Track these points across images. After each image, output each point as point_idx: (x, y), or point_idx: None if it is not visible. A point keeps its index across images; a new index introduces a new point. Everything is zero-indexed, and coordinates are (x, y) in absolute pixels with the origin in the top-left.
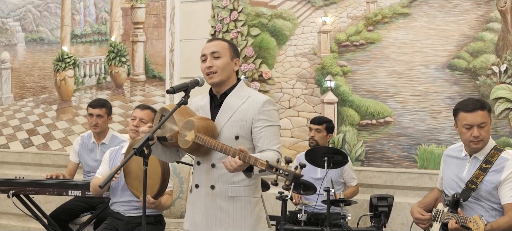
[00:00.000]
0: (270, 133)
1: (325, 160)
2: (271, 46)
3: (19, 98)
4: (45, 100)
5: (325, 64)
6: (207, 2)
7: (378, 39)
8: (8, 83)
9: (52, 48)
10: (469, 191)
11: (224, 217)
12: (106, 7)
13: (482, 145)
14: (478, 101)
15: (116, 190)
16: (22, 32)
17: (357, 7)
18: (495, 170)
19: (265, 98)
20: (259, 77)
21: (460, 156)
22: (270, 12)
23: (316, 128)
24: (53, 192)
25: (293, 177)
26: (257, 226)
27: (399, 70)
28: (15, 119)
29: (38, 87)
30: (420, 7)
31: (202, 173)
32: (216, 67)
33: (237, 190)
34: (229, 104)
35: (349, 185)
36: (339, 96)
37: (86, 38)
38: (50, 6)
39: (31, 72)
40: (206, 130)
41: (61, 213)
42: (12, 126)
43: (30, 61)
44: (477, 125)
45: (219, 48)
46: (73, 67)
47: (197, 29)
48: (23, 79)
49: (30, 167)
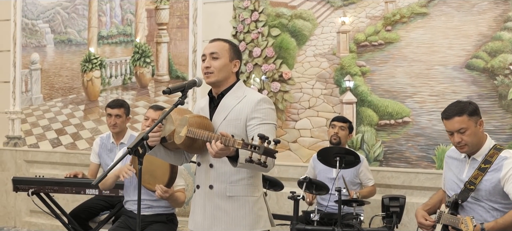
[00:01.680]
0: (263, 130)
1: (337, 160)
2: (291, 47)
3: (48, 99)
4: (73, 101)
5: (344, 65)
6: (229, 3)
7: (396, 39)
8: (38, 84)
9: (80, 49)
10: (467, 191)
11: (223, 216)
12: (131, 9)
13: (468, 150)
14: (457, 106)
15: (129, 189)
16: (51, 34)
17: (375, 7)
18: (494, 168)
19: (260, 97)
20: (279, 78)
21: (460, 157)
22: (290, 12)
23: (340, 125)
24: (71, 190)
25: (264, 150)
26: (256, 226)
27: (417, 70)
28: (44, 118)
29: (66, 88)
30: (438, 6)
31: (201, 174)
32: (213, 68)
33: (235, 189)
34: (225, 105)
35: (365, 185)
36: (358, 96)
37: (112, 39)
38: (77, 8)
39: (59, 73)
40: (200, 125)
41: (80, 212)
42: (41, 126)
43: (58, 62)
44: (456, 131)
45: (218, 49)
46: (100, 68)
47: (218, 30)
48: (52, 80)
49: (58, 166)
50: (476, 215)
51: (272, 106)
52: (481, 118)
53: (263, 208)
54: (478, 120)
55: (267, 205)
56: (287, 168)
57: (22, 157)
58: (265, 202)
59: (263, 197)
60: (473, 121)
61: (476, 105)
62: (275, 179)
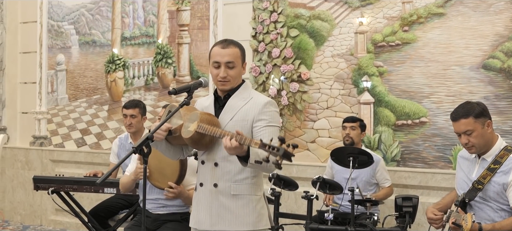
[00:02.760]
0: (269, 132)
1: (350, 160)
2: (310, 47)
3: (73, 99)
4: (97, 101)
5: (361, 65)
6: (248, 4)
7: (413, 39)
8: (63, 85)
9: (104, 50)
10: (475, 191)
11: (227, 214)
12: (154, 10)
13: (475, 151)
14: (463, 108)
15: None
16: (76, 35)
17: (393, 8)
18: (503, 170)
19: (266, 100)
20: (298, 78)
21: (470, 158)
22: (308, 13)
23: (350, 125)
24: (90, 189)
25: (283, 153)
26: (259, 224)
27: (434, 70)
28: (69, 118)
29: (90, 88)
30: (454, 7)
31: (206, 172)
32: (230, 77)
33: (239, 188)
34: (232, 105)
35: (382, 186)
36: (375, 96)
37: (135, 40)
38: (101, 10)
39: (84, 73)
40: (210, 123)
41: (100, 210)
42: (66, 126)
43: (83, 63)
44: (463, 133)
45: (234, 58)
46: (123, 68)
47: (238, 31)
48: (77, 81)
49: (83, 165)
50: (484, 215)
51: (277, 110)
52: (489, 119)
53: (264, 207)
54: (485, 121)
55: (267, 205)
56: (305, 168)
57: (48, 157)
58: (266, 201)
59: (264, 197)
60: (480, 122)
61: (484, 107)
62: (290, 178)
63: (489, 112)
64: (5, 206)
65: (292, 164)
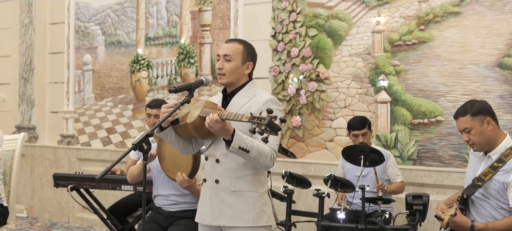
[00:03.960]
0: None
1: (361, 158)
2: (328, 47)
3: (99, 99)
4: (122, 100)
5: (378, 64)
6: (268, 4)
7: (429, 38)
8: (90, 84)
9: (128, 50)
10: (474, 187)
11: (227, 210)
12: (176, 11)
13: (477, 148)
14: (462, 107)
15: (156, 183)
16: (102, 36)
17: (409, 7)
18: (505, 169)
19: (268, 97)
20: (316, 77)
21: (479, 155)
22: (326, 13)
23: (362, 132)
24: (108, 186)
25: (269, 121)
26: (259, 220)
27: (450, 69)
28: (95, 118)
29: (116, 88)
30: (470, 5)
31: (208, 168)
32: (225, 69)
33: (239, 184)
34: (235, 103)
35: (393, 181)
36: (392, 95)
37: (158, 40)
38: (126, 10)
39: (110, 73)
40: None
41: (119, 207)
42: (93, 125)
43: (109, 63)
44: (462, 130)
45: (232, 52)
46: (147, 68)
47: (258, 30)
48: (103, 80)
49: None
50: (485, 212)
51: (280, 108)
52: (489, 116)
53: (267, 204)
54: (484, 119)
55: (271, 202)
56: (323, 166)
57: (75, 155)
58: (270, 198)
59: (268, 193)
60: (478, 120)
61: (483, 105)
62: (303, 176)
63: (490, 110)
64: (34, 204)
65: (310, 162)
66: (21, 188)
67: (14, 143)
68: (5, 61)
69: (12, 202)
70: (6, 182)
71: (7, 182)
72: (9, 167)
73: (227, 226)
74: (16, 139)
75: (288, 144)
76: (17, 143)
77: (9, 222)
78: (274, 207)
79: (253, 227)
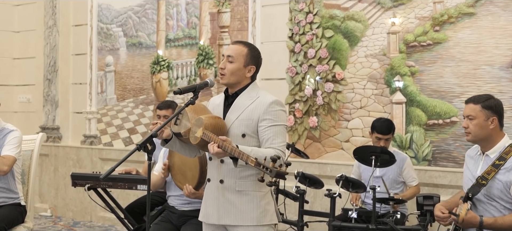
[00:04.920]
0: (273, 131)
1: (372, 159)
2: (344, 48)
3: (121, 99)
4: (144, 101)
5: (394, 65)
6: (285, 5)
7: (444, 39)
8: (112, 85)
9: (149, 52)
10: (479, 186)
11: (232, 209)
12: (196, 12)
13: (470, 138)
14: (479, 95)
15: (170, 185)
16: (123, 37)
17: (424, 8)
18: (507, 168)
19: (272, 99)
20: (333, 78)
21: (475, 155)
22: (342, 14)
23: (386, 137)
24: (124, 186)
25: (276, 173)
26: (263, 219)
27: (464, 70)
28: (117, 118)
29: (137, 89)
30: (485, 6)
31: (213, 168)
32: (227, 70)
33: (244, 184)
34: (239, 104)
35: (409, 184)
36: (407, 96)
37: (178, 42)
38: (147, 12)
39: (131, 74)
40: (214, 127)
41: (135, 207)
42: (115, 125)
43: (130, 64)
44: (466, 116)
45: (235, 54)
46: (167, 69)
47: (276, 32)
48: (125, 81)
49: (130, 164)
50: (488, 215)
51: (284, 109)
52: (497, 116)
53: (270, 203)
54: (491, 116)
55: (274, 200)
56: (339, 166)
57: (97, 155)
58: (273, 197)
59: (271, 192)
60: (485, 113)
61: (497, 103)
62: (315, 177)
63: (501, 111)
64: (58, 203)
65: (326, 163)
66: (45, 187)
67: (32, 143)
68: (30, 63)
69: (30, 201)
70: (24, 182)
71: (25, 181)
72: (27, 166)
73: (232, 225)
74: (35, 139)
75: (305, 144)
76: (35, 143)
77: (27, 220)
78: (276, 205)
79: (257, 225)
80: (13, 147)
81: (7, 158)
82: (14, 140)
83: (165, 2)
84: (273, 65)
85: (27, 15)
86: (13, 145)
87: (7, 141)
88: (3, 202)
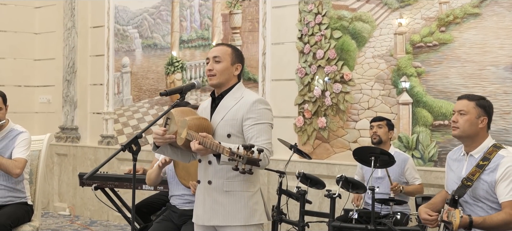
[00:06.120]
0: (257, 129)
1: (372, 160)
2: (352, 48)
3: (137, 100)
4: (158, 102)
5: (400, 66)
6: (295, 6)
7: (450, 40)
8: (128, 86)
9: (164, 53)
10: (464, 188)
11: (220, 209)
12: (209, 14)
13: (458, 133)
14: (471, 94)
15: (171, 184)
16: (139, 39)
17: (430, 8)
18: (491, 168)
19: (255, 98)
20: (341, 79)
21: (459, 157)
22: (350, 15)
23: (377, 124)
24: (130, 186)
25: (247, 160)
26: (251, 219)
27: (470, 70)
28: (133, 119)
29: (152, 89)
30: (490, 6)
31: (202, 170)
32: (215, 70)
33: (231, 184)
34: (224, 105)
35: (412, 184)
36: (414, 97)
37: (191, 43)
38: (162, 14)
39: (146, 75)
40: (198, 127)
41: (142, 206)
42: (131, 126)
43: (145, 65)
44: (458, 111)
45: (221, 54)
46: (181, 70)
47: (286, 33)
48: (140, 82)
49: (145, 163)
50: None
51: (268, 107)
52: (487, 117)
53: (258, 202)
54: (482, 115)
55: (263, 200)
56: (347, 167)
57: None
58: (262, 196)
59: (260, 192)
60: (477, 111)
61: (489, 105)
62: (317, 177)
63: (491, 113)
64: (76, 202)
65: (334, 163)
66: (64, 186)
67: (40, 143)
68: (50, 64)
69: (38, 200)
70: (32, 181)
71: (33, 181)
72: (35, 166)
73: (220, 226)
74: (43, 139)
75: (313, 145)
76: (43, 143)
77: (34, 219)
78: (266, 205)
79: (245, 225)
80: (24, 149)
81: (19, 161)
82: (24, 142)
83: (179, 3)
84: (283, 66)
85: (47, 17)
86: (23, 147)
87: (17, 143)
88: (10, 201)
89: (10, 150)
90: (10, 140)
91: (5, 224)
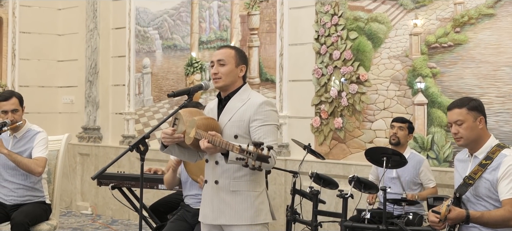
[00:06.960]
0: (264, 130)
1: (383, 160)
2: (368, 49)
3: (157, 101)
4: (178, 102)
5: (416, 66)
6: (311, 8)
7: (465, 40)
8: (149, 87)
9: (183, 54)
10: (466, 186)
11: (227, 209)
12: (227, 15)
13: (463, 142)
14: (460, 99)
15: (185, 184)
16: (159, 40)
17: (445, 9)
18: (493, 166)
19: (262, 100)
20: (357, 80)
21: (464, 158)
22: (366, 16)
23: (399, 125)
24: (146, 185)
25: (257, 156)
26: (257, 218)
27: (484, 71)
28: (154, 119)
29: (172, 90)
30: (504, 7)
31: (209, 169)
32: (221, 73)
33: (238, 184)
34: (231, 107)
35: (426, 186)
36: (429, 97)
37: (210, 44)
38: (181, 15)
39: (166, 76)
40: (206, 127)
41: (159, 206)
42: (152, 126)
43: (166, 66)
44: (454, 122)
45: (225, 57)
46: (200, 71)
47: (302, 34)
48: (161, 83)
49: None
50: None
51: (274, 109)
52: (482, 115)
53: (264, 202)
54: (478, 116)
55: (268, 200)
56: (363, 167)
57: (135, 155)
58: (267, 196)
59: (265, 192)
60: (472, 115)
61: (480, 103)
62: (330, 177)
63: (484, 110)
64: (98, 201)
65: (350, 164)
66: (87, 186)
67: (58, 143)
68: (73, 65)
69: (56, 199)
70: (50, 180)
71: (51, 180)
72: (53, 166)
73: (226, 225)
74: (61, 139)
75: (330, 145)
76: (61, 143)
77: (52, 218)
78: (271, 204)
79: (251, 225)
80: (43, 148)
81: (40, 160)
82: (42, 141)
83: (198, 5)
84: (299, 67)
85: (70, 19)
86: (42, 146)
87: (36, 142)
88: (28, 200)
89: (29, 150)
90: (28, 140)
91: (23, 223)
